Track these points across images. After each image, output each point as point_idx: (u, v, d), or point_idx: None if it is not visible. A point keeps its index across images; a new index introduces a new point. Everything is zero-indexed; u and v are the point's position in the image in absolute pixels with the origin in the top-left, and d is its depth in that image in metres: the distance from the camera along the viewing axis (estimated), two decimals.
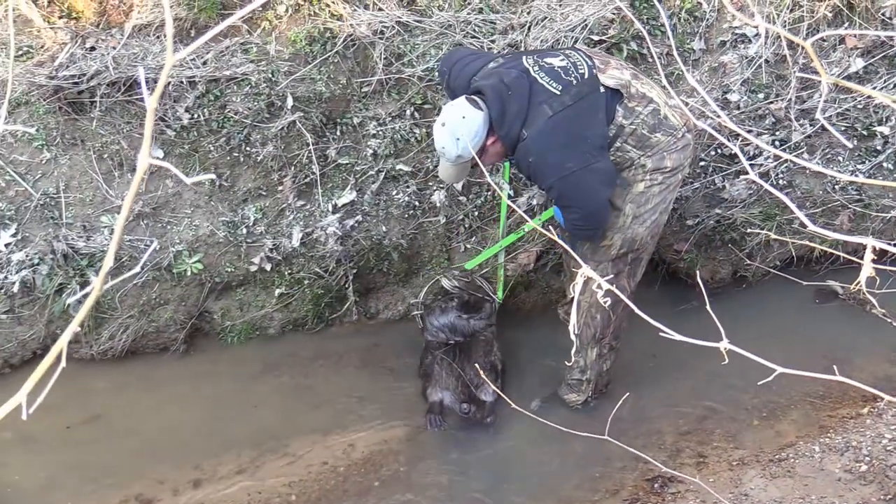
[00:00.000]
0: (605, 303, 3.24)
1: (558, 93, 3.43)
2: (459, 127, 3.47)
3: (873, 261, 1.55)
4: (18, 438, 4.12)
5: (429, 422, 4.24)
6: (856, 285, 1.61)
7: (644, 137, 3.51)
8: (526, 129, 3.45)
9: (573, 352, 2.39)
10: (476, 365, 3.93)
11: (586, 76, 3.48)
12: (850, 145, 4.58)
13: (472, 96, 3.56)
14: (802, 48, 4.47)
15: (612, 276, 3.80)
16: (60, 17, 4.16)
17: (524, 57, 3.59)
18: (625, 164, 3.55)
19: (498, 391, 4.01)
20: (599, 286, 1.60)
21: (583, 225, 3.64)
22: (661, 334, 1.59)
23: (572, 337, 1.67)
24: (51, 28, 4.11)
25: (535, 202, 4.57)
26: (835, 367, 2.19)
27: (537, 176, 3.57)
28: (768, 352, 1.57)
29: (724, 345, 1.51)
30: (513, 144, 3.52)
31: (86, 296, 3.84)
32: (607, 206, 3.57)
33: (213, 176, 4.33)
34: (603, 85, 3.47)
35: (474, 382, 4.24)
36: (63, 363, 1.12)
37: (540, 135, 3.43)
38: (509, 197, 4.53)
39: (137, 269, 1.39)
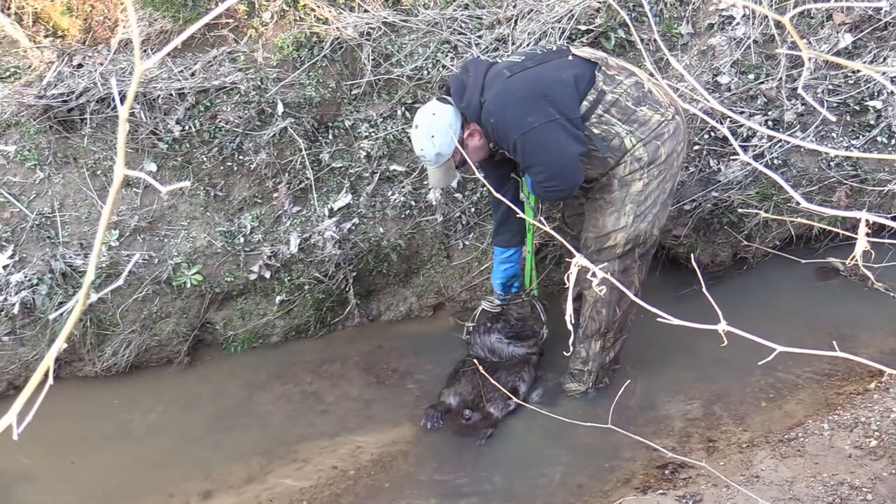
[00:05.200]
0: (600, 291, 3.22)
1: (520, 60, 3.53)
2: (432, 124, 3.59)
3: (870, 234, 1.53)
4: (26, 457, 4.12)
5: (426, 415, 4.20)
6: (851, 259, 1.61)
7: (629, 110, 3.50)
8: (485, 94, 3.52)
9: (570, 342, 2.38)
10: (493, 380, 3.88)
11: (554, 49, 3.60)
12: (833, 119, 4.55)
13: (443, 96, 3.71)
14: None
15: (620, 272, 3.80)
16: (46, 37, 4.16)
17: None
18: (610, 138, 3.53)
19: (515, 401, 4.03)
20: (601, 284, 1.59)
21: (550, 186, 3.58)
22: (659, 320, 1.58)
23: (569, 326, 1.66)
24: (37, 47, 4.11)
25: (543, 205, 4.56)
26: (835, 343, 2.18)
27: (501, 138, 3.57)
28: (772, 332, 1.56)
29: (722, 327, 1.51)
30: (477, 114, 3.56)
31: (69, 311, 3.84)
32: (576, 163, 3.51)
33: (188, 183, 4.33)
34: (573, 54, 3.54)
35: (488, 396, 4.22)
36: (50, 381, 1.11)
37: (497, 94, 3.49)
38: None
39: (120, 281, 1.38)
